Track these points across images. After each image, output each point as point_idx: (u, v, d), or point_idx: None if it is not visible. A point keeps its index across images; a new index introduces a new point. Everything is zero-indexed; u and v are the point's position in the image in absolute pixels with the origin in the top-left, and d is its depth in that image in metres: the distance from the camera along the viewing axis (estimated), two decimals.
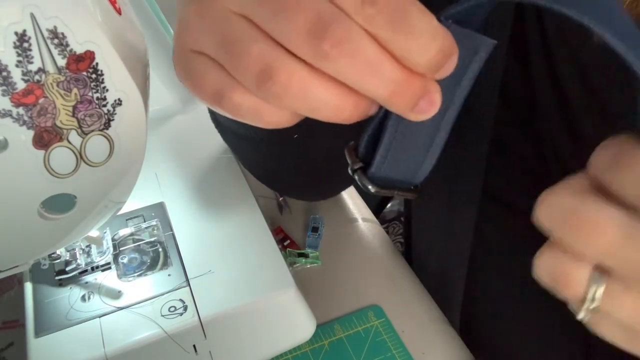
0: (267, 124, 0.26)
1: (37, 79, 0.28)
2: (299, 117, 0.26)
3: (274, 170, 0.55)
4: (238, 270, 0.48)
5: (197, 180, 0.57)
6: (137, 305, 0.45)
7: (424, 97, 0.23)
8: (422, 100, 0.23)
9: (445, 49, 0.23)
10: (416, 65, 0.23)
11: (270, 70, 0.23)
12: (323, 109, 0.24)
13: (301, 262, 0.60)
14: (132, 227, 0.52)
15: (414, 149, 0.27)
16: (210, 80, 0.25)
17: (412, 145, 0.27)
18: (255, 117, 0.25)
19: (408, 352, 0.52)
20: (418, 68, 0.23)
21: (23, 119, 0.29)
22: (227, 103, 0.25)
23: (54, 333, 0.44)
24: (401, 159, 0.27)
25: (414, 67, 0.23)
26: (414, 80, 0.23)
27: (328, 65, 0.22)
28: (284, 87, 0.23)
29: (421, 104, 0.23)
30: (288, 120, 0.26)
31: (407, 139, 0.27)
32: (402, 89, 0.23)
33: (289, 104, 0.24)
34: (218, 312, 0.45)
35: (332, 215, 0.66)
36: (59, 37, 0.28)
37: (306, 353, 0.52)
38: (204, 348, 0.46)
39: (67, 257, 0.48)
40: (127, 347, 0.43)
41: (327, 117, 0.24)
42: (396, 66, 0.23)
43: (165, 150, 0.61)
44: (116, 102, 0.32)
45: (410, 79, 0.23)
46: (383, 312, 0.55)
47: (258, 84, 0.23)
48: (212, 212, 0.54)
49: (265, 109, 0.25)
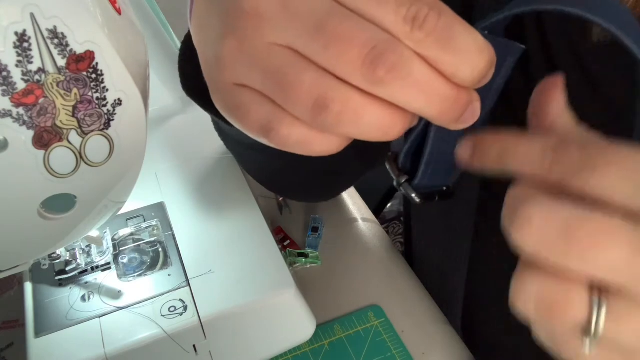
0: (317, 152, 0.25)
1: (37, 79, 0.28)
2: (348, 142, 0.25)
3: (275, 175, 0.55)
4: (238, 270, 0.48)
5: (197, 180, 0.57)
6: (137, 305, 0.45)
7: (468, 109, 0.24)
8: (466, 112, 0.24)
9: (492, 62, 0.23)
10: (464, 81, 0.23)
11: (325, 100, 0.22)
12: (375, 131, 0.23)
13: (301, 262, 0.60)
14: (132, 227, 0.52)
15: (451, 155, 0.27)
16: (258, 114, 0.25)
17: (450, 151, 0.27)
18: (305, 147, 0.25)
19: (408, 352, 0.52)
20: (466, 83, 0.23)
21: (23, 119, 0.29)
22: (276, 135, 0.25)
23: (54, 333, 0.44)
24: (441, 166, 0.28)
25: (462, 82, 0.23)
26: (461, 95, 0.23)
27: (382, 91, 0.22)
28: (339, 116, 0.23)
29: (466, 114, 0.24)
30: (337, 147, 0.25)
31: (446, 147, 0.27)
32: (451, 104, 0.23)
33: (343, 131, 0.23)
34: (218, 312, 0.45)
35: (332, 215, 0.66)
36: (59, 37, 0.28)
37: (306, 353, 0.52)
38: (204, 348, 0.46)
39: (67, 257, 0.48)
40: (127, 347, 0.43)
41: (377, 137, 0.24)
42: (446, 84, 0.23)
43: (165, 150, 0.61)
44: (116, 102, 0.32)
45: (459, 94, 0.23)
46: (383, 312, 0.55)
47: (313, 114, 0.23)
48: (212, 212, 0.54)
49: (314, 138, 0.24)
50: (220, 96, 0.26)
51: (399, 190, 0.29)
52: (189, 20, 0.30)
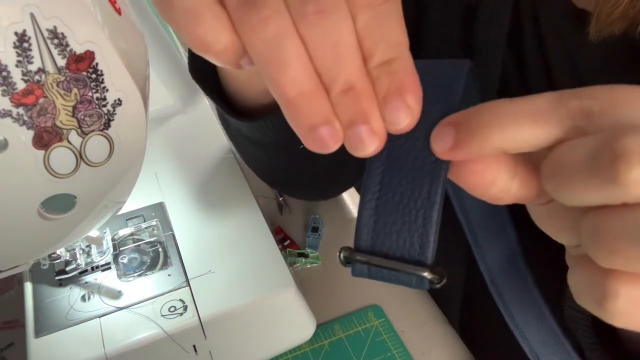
0: (199, 36, 0.22)
1: (37, 79, 0.28)
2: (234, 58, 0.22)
3: (277, 171, 0.55)
4: (238, 270, 0.48)
5: (197, 180, 0.57)
6: (137, 305, 0.45)
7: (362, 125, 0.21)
8: (360, 126, 0.21)
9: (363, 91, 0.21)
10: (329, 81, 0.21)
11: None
12: (276, 61, 0.21)
13: (301, 262, 0.60)
14: (132, 227, 0.52)
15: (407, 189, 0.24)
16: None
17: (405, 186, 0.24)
18: (192, 20, 0.21)
19: (408, 352, 0.52)
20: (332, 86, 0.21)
21: (23, 119, 0.29)
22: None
23: (54, 333, 0.44)
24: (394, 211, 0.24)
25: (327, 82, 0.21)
26: (368, 92, 0.21)
27: (304, 27, 0.21)
28: (259, 19, 0.21)
29: (322, 130, 0.21)
30: (229, 54, 0.22)
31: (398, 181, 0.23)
32: (355, 95, 0.21)
33: (248, 37, 0.21)
34: (218, 312, 0.45)
35: (332, 215, 0.66)
36: (59, 37, 0.28)
37: (306, 353, 0.52)
38: (204, 348, 0.46)
39: (67, 257, 0.48)
40: (127, 347, 0.43)
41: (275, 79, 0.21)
42: (361, 68, 0.21)
43: (165, 150, 0.61)
44: (116, 102, 0.32)
45: (367, 89, 0.21)
46: (383, 312, 0.55)
47: (240, 1, 0.21)
48: (212, 212, 0.54)
49: (205, 15, 0.21)
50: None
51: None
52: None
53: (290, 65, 0.21)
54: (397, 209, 0.23)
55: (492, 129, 0.20)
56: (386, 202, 0.23)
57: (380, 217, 0.23)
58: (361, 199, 0.24)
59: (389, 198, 0.23)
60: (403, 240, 0.23)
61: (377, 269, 0.23)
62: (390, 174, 0.23)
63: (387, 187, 0.23)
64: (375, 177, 0.23)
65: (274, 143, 0.46)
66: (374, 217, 0.23)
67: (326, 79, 0.22)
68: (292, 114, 0.22)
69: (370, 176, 0.23)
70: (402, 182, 0.23)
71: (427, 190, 0.22)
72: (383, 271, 0.23)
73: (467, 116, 0.21)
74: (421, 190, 0.22)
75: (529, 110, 0.20)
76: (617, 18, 0.33)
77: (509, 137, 0.20)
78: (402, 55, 0.22)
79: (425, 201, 0.22)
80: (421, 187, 0.22)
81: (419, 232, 0.22)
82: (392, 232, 0.23)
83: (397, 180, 0.23)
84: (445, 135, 0.21)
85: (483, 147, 0.21)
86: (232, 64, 0.23)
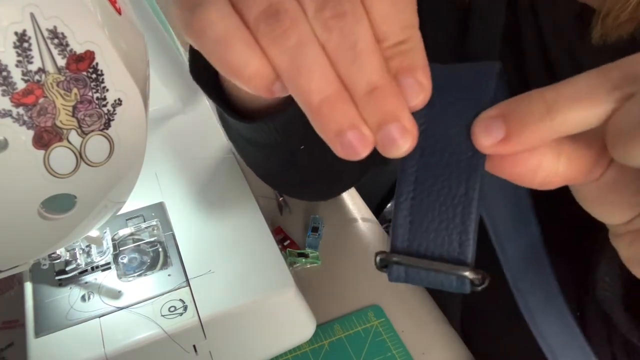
0: (230, 62, 0.22)
1: (37, 79, 0.28)
2: (268, 80, 0.22)
3: (278, 173, 0.55)
4: (238, 270, 0.48)
5: (197, 180, 0.57)
6: (137, 305, 0.45)
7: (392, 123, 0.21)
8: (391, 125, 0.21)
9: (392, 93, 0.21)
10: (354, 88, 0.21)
11: (277, 8, 0.21)
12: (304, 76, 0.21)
13: (301, 262, 0.60)
14: (132, 227, 0.52)
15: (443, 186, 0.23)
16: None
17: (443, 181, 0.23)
18: (222, 47, 0.22)
19: (408, 352, 0.52)
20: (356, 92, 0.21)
21: (23, 119, 0.29)
22: (202, 13, 0.22)
23: (54, 333, 0.44)
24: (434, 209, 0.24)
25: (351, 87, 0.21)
26: (393, 90, 0.21)
27: (321, 32, 0.21)
28: (282, 32, 0.21)
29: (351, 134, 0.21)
30: (259, 75, 0.22)
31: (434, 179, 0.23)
32: (380, 94, 0.21)
33: (273, 52, 0.22)
34: (218, 312, 0.45)
35: (332, 215, 0.66)
36: (59, 37, 0.28)
37: (306, 353, 0.52)
38: (204, 348, 0.46)
39: (67, 257, 0.48)
40: (127, 347, 0.43)
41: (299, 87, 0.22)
42: (382, 67, 0.22)
43: (165, 150, 0.61)
44: (116, 102, 0.32)
45: (391, 87, 0.21)
46: (383, 312, 0.55)
47: (261, 16, 0.21)
48: (212, 212, 0.54)
49: (236, 42, 0.22)
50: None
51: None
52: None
53: (311, 72, 0.21)
54: (434, 207, 0.22)
55: (543, 118, 0.20)
56: (421, 201, 0.23)
57: (416, 216, 0.23)
58: (396, 199, 0.23)
59: (424, 197, 0.23)
60: (442, 239, 0.22)
61: (415, 271, 0.23)
62: (424, 173, 0.23)
63: (422, 186, 0.23)
64: (409, 176, 0.23)
65: (274, 145, 0.45)
66: (410, 218, 0.23)
67: (349, 82, 0.22)
68: (317, 121, 0.22)
69: (404, 175, 0.23)
70: (438, 180, 0.22)
71: (465, 186, 0.22)
72: (421, 273, 0.23)
73: (514, 107, 0.20)
74: (459, 187, 0.22)
75: (576, 93, 0.20)
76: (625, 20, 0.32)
77: (561, 123, 0.20)
78: (413, 37, 0.22)
79: (463, 198, 0.22)
80: (458, 183, 0.22)
81: (457, 229, 0.22)
82: (429, 231, 0.23)
83: (433, 179, 0.23)
84: (494, 128, 0.21)
85: (536, 137, 0.20)
86: (264, 90, 0.23)
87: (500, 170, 0.22)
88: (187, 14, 0.23)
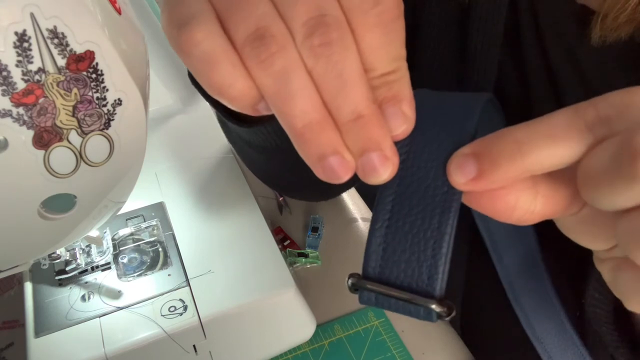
0: (215, 82, 0.22)
1: (37, 79, 0.28)
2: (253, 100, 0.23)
3: (278, 175, 0.55)
4: (238, 270, 0.48)
5: (197, 180, 0.57)
6: (137, 305, 0.45)
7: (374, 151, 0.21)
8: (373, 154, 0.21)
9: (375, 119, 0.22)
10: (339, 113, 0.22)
11: (265, 32, 0.21)
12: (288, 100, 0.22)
13: (301, 262, 0.60)
14: (132, 227, 0.52)
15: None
16: (191, 8, 0.23)
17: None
18: (208, 66, 0.22)
19: (408, 352, 0.52)
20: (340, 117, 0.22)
21: (23, 118, 0.29)
22: (189, 32, 0.22)
23: (54, 333, 0.44)
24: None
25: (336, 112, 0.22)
26: (377, 118, 0.22)
27: (310, 59, 0.22)
28: (268, 55, 0.21)
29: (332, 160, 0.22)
30: (245, 96, 0.22)
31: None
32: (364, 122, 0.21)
33: (258, 74, 0.22)
34: (218, 312, 0.45)
35: (332, 215, 0.66)
36: (59, 37, 0.28)
37: (306, 353, 0.52)
38: (204, 348, 0.46)
39: (67, 257, 0.48)
40: (127, 347, 0.43)
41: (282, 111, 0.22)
42: (368, 96, 0.22)
43: (165, 150, 0.61)
44: (116, 102, 0.32)
45: (376, 116, 0.22)
46: (383, 312, 0.55)
47: (248, 38, 0.22)
48: (212, 212, 0.54)
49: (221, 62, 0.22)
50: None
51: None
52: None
53: (296, 97, 0.21)
54: (407, 238, 0.23)
55: (514, 157, 0.20)
56: (396, 230, 0.23)
57: (389, 245, 0.23)
58: (371, 225, 0.23)
59: (399, 226, 0.23)
60: (412, 270, 0.22)
61: (384, 298, 0.23)
62: (400, 202, 0.23)
63: (397, 215, 0.23)
64: (386, 204, 0.23)
65: (273, 147, 0.45)
66: (383, 245, 0.23)
67: (334, 109, 0.22)
68: (300, 145, 0.22)
69: (381, 203, 0.23)
70: (413, 211, 0.23)
71: (438, 220, 0.22)
72: (390, 300, 0.23)
73: (487, 145, 0.21)
74: (432, 221, 0.22)
75: (548, 132, 0.20)
76: (624, 22, 0.32)
77: (533, 162, 0.20)
78: (401, 68, 0.23)
79: (435, 232, 0.22)
80: (432, 217, 0.22)
81: (427, 262, 0.22)
82: (400, 261, 0.23)
83: (408, 209, 0.23)
84: (466, 166, 0.21)
85: (508, 175, 0.20)
86: (249, 109, 0.23)
87: (476, 206, 0.22)
88: (175, 32, 0.23)
